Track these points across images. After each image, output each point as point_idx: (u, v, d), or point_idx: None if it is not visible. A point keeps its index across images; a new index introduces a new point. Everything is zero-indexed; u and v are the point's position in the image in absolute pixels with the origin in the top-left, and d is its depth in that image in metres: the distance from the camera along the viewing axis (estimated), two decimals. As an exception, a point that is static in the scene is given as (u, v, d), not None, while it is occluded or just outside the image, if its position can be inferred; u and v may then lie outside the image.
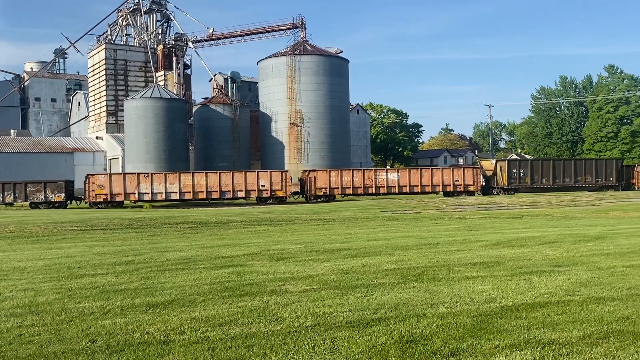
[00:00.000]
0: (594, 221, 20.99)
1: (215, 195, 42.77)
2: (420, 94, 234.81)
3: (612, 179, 50.98)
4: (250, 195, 43.49)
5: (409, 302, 7.08)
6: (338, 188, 45.19)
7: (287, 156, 61.40)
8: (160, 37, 71.97)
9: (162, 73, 68.62)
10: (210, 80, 72.91)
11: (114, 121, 67.44)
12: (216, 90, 66.73)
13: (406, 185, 46.19)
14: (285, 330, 5.96)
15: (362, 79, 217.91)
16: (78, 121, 78.78)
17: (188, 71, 73.02)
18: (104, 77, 67.46)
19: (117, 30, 73.07)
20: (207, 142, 62.96)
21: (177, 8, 72.84)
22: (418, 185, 46.38)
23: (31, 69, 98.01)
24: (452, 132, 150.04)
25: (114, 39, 72.32)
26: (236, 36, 69.04)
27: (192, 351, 5.34)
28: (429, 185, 46.50)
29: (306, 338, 5.66)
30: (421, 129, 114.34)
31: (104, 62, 67.44)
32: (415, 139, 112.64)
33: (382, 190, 45.90)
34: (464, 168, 49.73)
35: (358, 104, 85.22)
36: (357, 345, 5.40)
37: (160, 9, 72.56)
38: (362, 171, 47.36)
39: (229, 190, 42.91)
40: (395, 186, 46.09)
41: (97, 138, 68.64)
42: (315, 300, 7.31)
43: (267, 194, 43.20)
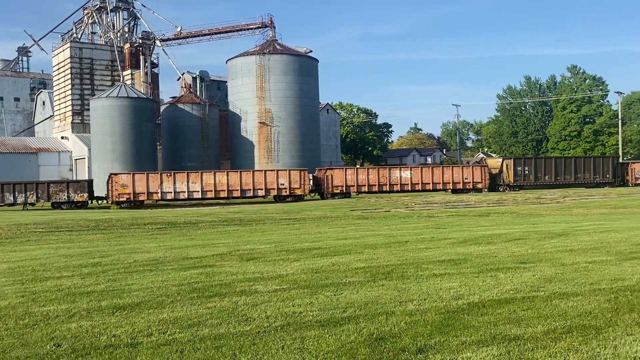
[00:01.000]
0: (558, 218, 21.46)
1: (236, 193, 43.71)
2: (390, 93, 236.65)
3: (609, 175, 53.47)
4: (270, 194, 44.56)
5: (378, 300, 7.13)
6: (354, 186, 46.75)
7: (257, 155, 61.18)
8: (127, 36, 70.88)
9: (129, 72, 67.61)
10: (178, 79, 72.14)
11: (79, 121, 66.19)
12: (184, 89, 66.06)
13: (418, 183, 47.72)
14: (255, 330, 5.94)
15: (332, 78, 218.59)
16: (42, 121, 77.08)
17: (156, 70, 72.10)
18: (70, 76, 66.14)
19: (83, 28, 71.74)
20: (176, 142, 62.29)
21: (144, 6, 71.82)
22: (430, 183, 47.98)
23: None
24: (421, 132, 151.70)
25: (79, 37, 70.98)
26: (204, 35, 68.49)
27: (160, 353, 5.29)
28: (440, 183, 48.14)
29: (275, 338, 5.66)
30: (390, 129, 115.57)
31: (69, 61, 66.10)
32: (385, 139, 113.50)
33: (396, 187, 47.48)
34: (473, 166, 51.42)
35: (328, 104, 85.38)
36: (327, 344, 5.42)
37: (127, 7, 71.46)
38: (377, 169, 48.88)
39: (249, 189, 43.90)
40: (408, 184, 47.62)
41: (63, 138, 67.28)
42: (285, 300, 7.30)
43: (286, 192, 44.41)
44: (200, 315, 6.62)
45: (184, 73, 71.03)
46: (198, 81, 68.09)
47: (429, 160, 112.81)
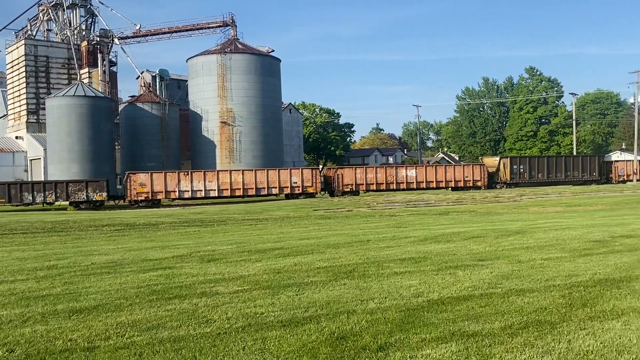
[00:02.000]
0: (515, 216, 21.95)
1: (251, 192, 44.99)
2: (352, 94, 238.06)
3: (595, 173, 57.06)
4: (283, 192, 46.01)
5: (340, 299, 7.16)
6: (363, 184, 48.59)
7: (219, 155, 60.59)
8: (84, 33, 69.22)
9: (87, 70, 66.06)
10: (137, 78, 70.84)
11: (35, 120, 64.31)
12: (144, 88, 64.94)
13: (423, 181, 50.04)
14: (215, 332, 5.89)
15: (295, 78, 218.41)
16: (-5, 120, 74.65)
17: (114, 68, 70.66)
18: (24, 74, 64.17)
19: (38, 25, 69.72)
20: (135, 142, 61.19)
21: (102, 3, 70.24)
22: (433, 181, 50.44)
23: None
24: (383, 132, 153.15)
25: (34, 34, 68.98)
26: (164, 33, 67.48)
27: (118, 357, 5.19)
28: (442, 181, 50.77)
29: (236, 339, 5.61)
30: (353, 129, 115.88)
31: (23, 59, 64.13)
32: (347, 138, 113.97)
33: (402, 186, 49.61)
34: (473, 165, 54.19)
35: (290, 104, 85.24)
36: (288, 344, 5.41)
37: (84, 4, 69.78)
38: (385, 168, 50.73)
39: (264, 187, 45.44)
40: (413, 182, 49.84)
41: (17, 138, 65.24)
42: (246, 300, 7.26)
43: (299, 190, 46.06)
44: (159, 317, 6.52)
45: (143, 72, 69.82)
46: (158, 80, 67.04)
47: (391, 160, 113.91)
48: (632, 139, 72.60)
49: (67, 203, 41.84)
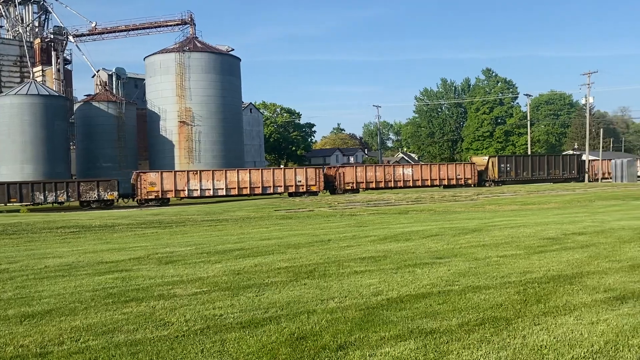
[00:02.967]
0: (473, 215, 22.36)
1: (258, 190, 46.09)
2: (313, 94, 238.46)
3: (574, 171, 59.67)
4: (288, 190, 47.21)
5: (300, 300, 7.15)
6: (363, 182, 50.32)
7: (178, 156, 59.78)
8: (37, 30, 67.36)
9: (40, 68, 64.28)
10: (93, 77, 69.34)
11: (-16, 119, 62.11)
12: (100, 87, 63.59)
13: (419, 179, 52.28)
14: (173, 335, 5.80)
15: (255, 78, 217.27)
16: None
17: (69, 67, 68.99)
18: (-27, 72, 62.08)
19: (-13, 21, 67.51)
20: (90, 142, 59.81)
21: (56, 0, 68.48)
22: (428, 179, 52.71)
23: None
24: (344, 132, 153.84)
25: (-17, 30, 66.73)
26: (121, 31, 66.20)
27: (72, 362, 5.05)
28: (437, 179, 53.07)
29: (195, 342, 5.54)
30: (314, 129, 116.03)
31: (-28, 55, 62.03)
32: (309, 138, 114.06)
33: (399, 184, 51.73)
34: (464, 164, 56.69)
35: (251, 103, 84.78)
36: (247, 346, 5.37)
37: (36, 0, 67.86)
38: (383, 167, 52.49)
39: (270, 186, 46.57)
40: (410, 180, 52.06)
41: (-35, 137, 62.94)
42: (205, 302, 7.17)
43: (303, 188, 47.46)
44: (115, 321, 6.38)
45: (99, 70, 68.35)
46: (114, 78, 65.73)
47: (352, 159, 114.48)
48: (584, 139, 75.11)
49: (78, 203, 41.94)
